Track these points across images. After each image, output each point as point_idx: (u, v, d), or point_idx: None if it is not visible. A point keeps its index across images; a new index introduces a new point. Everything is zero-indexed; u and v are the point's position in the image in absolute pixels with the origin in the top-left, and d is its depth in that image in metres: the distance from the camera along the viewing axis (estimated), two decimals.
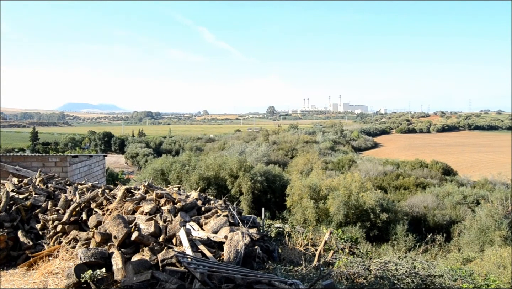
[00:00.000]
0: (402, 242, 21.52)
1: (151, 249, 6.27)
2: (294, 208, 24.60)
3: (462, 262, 16.22)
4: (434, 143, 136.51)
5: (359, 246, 12.36)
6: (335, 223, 22.64)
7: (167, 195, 8.93)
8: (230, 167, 28.90)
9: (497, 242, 19.01)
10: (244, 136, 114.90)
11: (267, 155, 61.42)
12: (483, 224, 20.63)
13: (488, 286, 6.84)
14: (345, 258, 7.70)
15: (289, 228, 12.22)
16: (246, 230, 7.41)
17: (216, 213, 8.49)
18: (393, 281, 6.63)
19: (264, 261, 7.31)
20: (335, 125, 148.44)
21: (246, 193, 27.46)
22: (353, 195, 23.72)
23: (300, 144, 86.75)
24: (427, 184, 40.13)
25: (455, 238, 23.09)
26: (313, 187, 24.94)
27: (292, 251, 8.96)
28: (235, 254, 6.41)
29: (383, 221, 22.97)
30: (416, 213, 27.12)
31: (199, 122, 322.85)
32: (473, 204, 28.98)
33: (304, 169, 45.71)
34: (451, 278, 7.16)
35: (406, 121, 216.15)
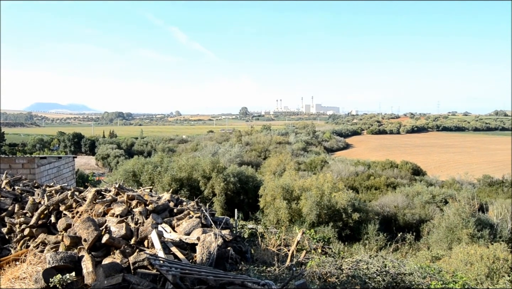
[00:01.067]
0: (373, 241, 21.87)
1: (122, 251, 6.17)
2: (267, 209, 24.66)
3: (431, 259, 16.58)
4: (404, 144, 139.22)
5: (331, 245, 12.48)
6: (308, 223, 22.80)
7: (138, 196, 8.81)
8: (203, 168, 28.75)
9: (464, 239, 19.52)
10: (217, 137, 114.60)
11: (240, 156, 61.43)
12: (451, 222, 21.14)
13: (456, 283, 7.01)
14: (317, 258, 7.76)
15: (262, 228, 12.24)
16: (219, 231, 7.38)
17: (188, 214, 8.42)
18: (364, 279, 6.71)
19: (237, 262, 7.29)
20: (307, 127, 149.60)
21: (219, 194, 27.38)
22: (326, 195, 23.95)
23: (273, 145, 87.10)
24: (397, 184, 40.89)
25: (424, 237, 23.60)
26: (286, 187, 25.06)
27: (265, 252, 8.97)
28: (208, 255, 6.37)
29: (355, 221, 23.28)
30: (387, 212, 27.58)
31: (171, 123, 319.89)
32: (442, 203, 29.70)
33: (277, 169, 45.89)
34: (420, 275, 7.31)
35: (377, 122, 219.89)
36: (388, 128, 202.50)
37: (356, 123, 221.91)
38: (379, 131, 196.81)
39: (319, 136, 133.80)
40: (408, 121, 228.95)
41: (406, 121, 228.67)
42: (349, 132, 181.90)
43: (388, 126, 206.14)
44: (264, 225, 12.85)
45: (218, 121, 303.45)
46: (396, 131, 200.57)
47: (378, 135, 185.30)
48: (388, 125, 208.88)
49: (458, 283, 6.95)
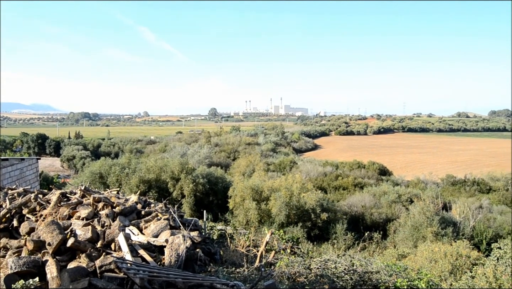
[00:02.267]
0: (341, 240, 22.14)
1: (89, 255, 6.05)
2: (236, 210, 24.64)
3: (398, 257, 16.95)
4: (370, 145, 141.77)
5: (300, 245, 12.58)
6: (277, 223, 22.89)
7: (105, 199, 8.66)
8: (171, 170, 28.46)
9: (429, 237, 20.01)
10: (186, 138, 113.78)
11: (209, 157, 61.15)
12: (416, 221, 21.63)
13: (421, 280, 7.18)
14: (286, 258, 7.80)
15: (232, 229, 12.23)
16: (188, 233, 7.34)
17: (156, 216, 8.33)
18: (332, 279, 6.79)
19: (206, 263, 7.26)
20: (276, 128, 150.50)
21: (188, 196, 27.17)
22: (295, 196, 24.10)
23: (242, 146, 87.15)
24: (365, 184, 41.57)
25: (391, 235, 24.07)
26: (255, 188, 25.10)
27: (234, 253, 8.96)
28: (176, 257, 6.32)
29: (324, 221, 23.52)
30: (355, 212, 27.99)
31: (139, 124, 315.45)
32: (407, 202, 30.38)
33: (246, 170, 45.91)
34: (386, 273, 7.46)
35: (345, 123, 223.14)
36: (355, 130, 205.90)
37: (324, 124, 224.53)
38: (347, 132, 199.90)
39: (288, 137, 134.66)
40: (375, 122, 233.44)
41: (373, 122, 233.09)
42: (318, 133, 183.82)
43: (355, 128, 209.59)
44: (234, 226, 12.86)
45: (187, 122, 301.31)
46: (363, 132, 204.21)
47: (346, 136, 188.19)
48: (355, 127, 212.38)
49: (423, 280, 7.12)
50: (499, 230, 23.74)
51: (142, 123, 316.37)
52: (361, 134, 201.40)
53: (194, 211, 26.76)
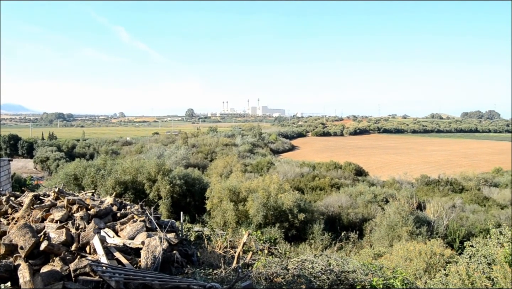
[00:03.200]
0: (318, 240, 22.30)
1: (63, 258, 5.93)
2: (214, 211, 24.57)
3: (374, 257, 17.16)
4: (347, 146, 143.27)
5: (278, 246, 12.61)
6: (255, 224, 22.92)
7: (79, 201, 8.51)
8: (148, 171, 28.19)
9: (404, 237, 20.33)
10: (162, 139, 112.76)
11: (186, 158, 60.82)
12: (391, 220, 21.95)
13: (396, 278, 7.28)
14: (264, 258, 7.81)
15: (209, 231, 12.18)
16: (164, 235, 7.27)
17: (132, 218, 8.24)
18: (309, 279, 6.83)
19: (183, 265, 7.21)
20: (253, 128, 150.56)
21: (165, 197, 26.94)
22: (272, 197, 24.17)
23: (220, 147, 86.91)
24: (341, 184, 41.98)
25: (367, 235, 24.36)
26: (232, 189, 25.07)
27: (212, 254, 8.93)
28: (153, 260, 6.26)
29: (301, 221, 23.64)
30: (332, 212, 28.23)
31: (115, 124, 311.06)
32: (383, 202, 30.82)
33: (223, 171, 45.83)
34: (363, 273, 7.55)
35: (321, 124, 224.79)
36: (332, 131, 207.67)
37: (301, 125, 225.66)
38: (324, 133, 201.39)
39: (265, 138, 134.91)
40: (351, 123, 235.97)
41: (349, 123, 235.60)
42: (295, 134, 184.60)
43: (332, 129, 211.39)
44: (211, 227, 12.79)
45: (164, 123, 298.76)
46: (340, 133, 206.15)
47: (323, 137, 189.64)
48: (332, 128, 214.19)
49: (398, 279, 7.22)
50: (472, 229, 24.29)
51: (118, 124, 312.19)
52: (337, 135, 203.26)
53: (171, 212, 26.55)
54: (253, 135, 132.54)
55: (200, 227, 16.22)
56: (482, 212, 31.32)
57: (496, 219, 27.13)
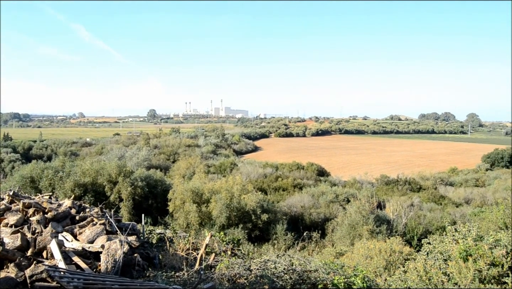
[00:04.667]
0: (282, 240, 22.46)
1: (18, 264, 5.72)
2: (176, 213, 24.32)
3: (335, 256, 17.42)
4: (309, 147, 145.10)
5: (241, 247, 12.61)
6: (218, 225, 22.84)
7: (36, 204, 8.24)
8: (108, 173, 27.59)
9: (365, 235, 20.73)
10: (123, 140, 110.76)
11: (148, 159, 59.98)
12: (353, 220, 22.33)
13: (357, 276, 7.41)
14: (226, 260, 7.79)
15: (171, 233, 12.04)
16: (125, 238, 7.14)
17: (92, 221, 8.04)
18: (272, 279, 6.86)
19: (144, 268, 7.10)
20: (216, 129, 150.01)
21: (126, 199, 26.45)
22: (235, 198, 24.17)
23: (182, 148, 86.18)
24: (304, 185, 42.44)
25: (329, 234, 24.70)
26: (195, 190, 24.89)
27: (174, 257, 8.82)
28: (113, 263, 6.13)
29: (264, 222, 23.74)
30: (294, 212, 28.48)
31: (74, 125, 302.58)
32: (344, 202, 31.36)
33: (186, 173, 45.46)
34: (324, 271, 7.64)
35: (284, 125, 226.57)
36: (294, 132, 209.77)
37: (264, 126, 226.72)
38: (286, 134, 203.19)
39: (228, 139, 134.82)
40: (313, 124, 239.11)
41: (311, 124, 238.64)
42: (258, 135, 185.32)
43: (294, 130, 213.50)
44: (173, 230, 12.66)
45: (125, 124, 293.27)
46: (302, 134, 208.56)
47: (285, 138, 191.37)
48: (294, 129, 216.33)
49: (358, 277, 7.36)
50: (429, 226, 25.05)
51: (77, 125, 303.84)
52: (300, 136, 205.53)
53: (132, 215, 26.09)
54: (216, 136, 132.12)
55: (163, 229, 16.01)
56: (438, 210, 32.39)
57: (452, 216, 28.12)
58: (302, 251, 20.72)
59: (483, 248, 8.16)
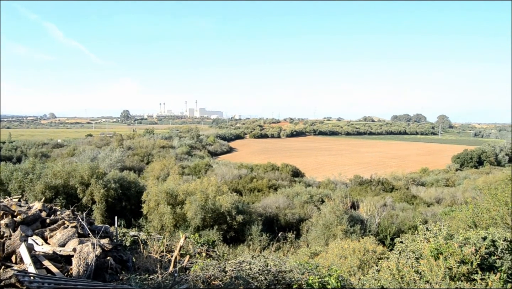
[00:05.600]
0: (257, 241, 22.49)
1: None
2: (150, 215, 24.07)
3: (310, 256, 17.54)
4: (284, 148, 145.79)
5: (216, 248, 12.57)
6: (193, 227, 22.71)
7: (4, 207, 8.02)
8: (80, 174, 27.10)
9: (339, 235, 20.94)
10: (96, 142, 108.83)
11: (122, 161, 59.16)
12: (327, 220, 22.54)
13: (331, 276, 7.47)
14: (201, 261, 7.74)
15: (145, 235, 11.92)
16: (97, 241, 7.01)
17: (63, 224, 7.87)
18: (247, 280, 6.85)
19: (117, 271, 6.99)
20: (191, 130, 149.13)
21: (99, 202, 26.02)
22: (210, 199, 24.08)
23: (156, 149, 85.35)
24: (279, 186, 42.61)
25: (304, 235, 24.87)
26: (170, 192, 24.70)
27: (148, 259, 8.72)
28: (85, 267, 6.02)
29: (239, 223, 23.73)
30: (269, 213, 28.55)
31: (45, 126, 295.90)
32: (319, 202, 31.64)
33: (160, 174, 45.05)
34: (299, 272, 7.68)
35: (259, 127, 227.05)
36: (269, 133, 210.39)
37: (239, 127, 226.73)
38: (261, 136, 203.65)
39: (203, 140, 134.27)
40: (287, 126, 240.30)
41: (286, 126, 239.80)
42: (233, 136, 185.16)
43: (269, 131, 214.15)
44: (147, 232, 12.53)
45: (98, 125, 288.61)
46: (277, 136, 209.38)
47: (260, 139, 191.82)
48: (269, 130, 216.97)
49: (333, 276, 7.42)
50: (401, 226, 25.49)
51: (48, 126, 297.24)
52: (275, 137, 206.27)
53: (105, 217, 25.69)
54: (190, 137, 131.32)
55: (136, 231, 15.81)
56: (410, 209, 32.99)
57: (423, 216, 28.69)
58: (277, 252, 20.80)
59: (453, 247, 8.35)
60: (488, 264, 8.89)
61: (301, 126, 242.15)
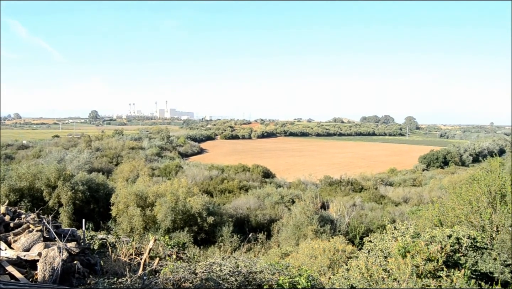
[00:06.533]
0: (228, 243, 22.44)
1: None
2: (120, 217, 23.70)
3: (281, 256, 17.63)
4: (255, 149, 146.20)
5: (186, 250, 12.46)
6: (163, 229, 22.49)
7: None
8: (47, 176, 26.43)
9: (309, 235, 21.13)
10: (63, 143, 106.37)
11: (90, 162, 58.03)
12: (297, 220, 22.71)
13: (301, 276, 7.53)
14: (171, 264, 7.67)
15: (114, 238, 11.72)
16: (64, 245, 6.85)
17: (28, 228, 7.65)
18: (218, 281, 6.83)
19: (85, 276, 6.85)
20: (161, 131, 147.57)
21: (66, 204, 25.45)
22: (180, 201, 23.89)
23: (126, 150, 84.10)
24: (250, 187, 42.67)
25: (274, 235, 24.96)
26: (139, 194, 24.38)
27: (117, 262, 8.58)
28: (51, 272, 5.87)
29: (210, 224, 23.64)
30: (240, 214, 28.55)
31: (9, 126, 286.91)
32: (289, 203, 31.85)
33: (130, 176, 44.43)
34: (270, 272, 7.71)
35: (230, 128, 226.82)
36: (240, 134, 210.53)
37: (210, 128, 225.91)
38: (232, 136, 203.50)
39: (173, 141, 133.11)
40: (258, 127, 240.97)
41: (257, 127, 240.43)
42: (203, 137, 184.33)
43: (240, 132, 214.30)
44: (116, 234, 12.32)
45: (65, 125, 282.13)
46: (248, 137, 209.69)
47: (231, 140, 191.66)
48: (240, 131, 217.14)
49: (303, 276, 7.47)
50: (370, 225, 25.92)
51: (12, 126, 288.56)
52: (245, 138, 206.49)
53: (73, 220, 25.14)
54: (161, 138, 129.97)
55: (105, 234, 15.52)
56: (379, 209, 33.60)
57: (391, 215, 29.24)
58: (248, 253, 20.81)
59: (420, 245, 8.55)
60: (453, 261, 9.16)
61: (272, 127, 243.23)
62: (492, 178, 13.49)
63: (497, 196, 13.00)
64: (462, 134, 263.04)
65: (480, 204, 13.11)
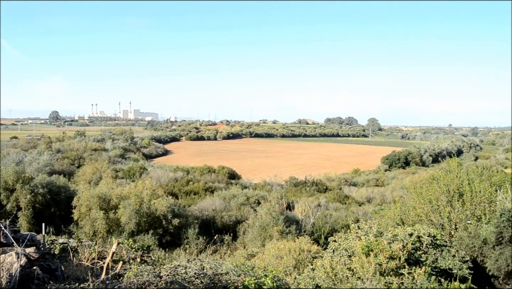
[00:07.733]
0: (193, 245, 22.28)
1: None
2: (82, 221, 23.14)
3: (247, 257, 17.64)
4: (220, 150, 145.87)
5: (151, 253, 12.28)
6: (127, 232, 22.12)
7: None
8: (4, 180, 25.53)
9: (275, 236, 21.22)
10: (22, 144, 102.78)
11: (50, 164, 56.38)
12: (263, 221, 22.76)
13: (267, 276, 7.55)
14: (135, 267, 7.54)
15: (76, 242, 11.42)
16: (22, 250, 6.62)
17: None
18: (183, 284, 6.76)
19: (45, 281, 6.64)
20: (125, 133, 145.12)
21: (25, 208, 24.64)
22: (145, 203, 23.55)
23: (88, 152, 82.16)
24: (215, 188, 42.50)
25: (240, 236, 24.95)
26: (102, 196, 23.86)
27: (78, 267, 8.37)
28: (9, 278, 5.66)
29: (175, 227, 23.40)
30: (206, 216, 28.39)
31: None
32: (255, 204, 31.92)
33: (92, 178, 43.46)
34: (235, 274, 7.69)
35: (195, 129, 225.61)
36: (206, 135, 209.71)
37: (175, 129, 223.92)
38: (197, 138, 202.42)
39: (137, 142, 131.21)
40: (224, 128, 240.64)
41: (222, 128, 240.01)
42: (168, 138, 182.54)
43: (206, 133, 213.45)
44: (78, 238, 12.00)
45: (24, 126, 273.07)
46: (213, 138, 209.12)
47: (197, 142, 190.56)
48: (205, 132, 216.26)
49: (268, 277, 7.50)
50: (335, 225, 26.25)
51: None
52: (211, 139, 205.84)
53: (33, 224, 24.37)
54: (124, 139, 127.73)
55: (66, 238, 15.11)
56: (343, 209, 34.10)
57: (355, 215, 29.72)
58: (214, 255, 20.72)
59: (382, 243, 8.75)
60: (414, 258, 9.42)
61: (237, 128, 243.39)
62: (451, 178, 13.96)
63: (455, 195, 13.46)
64: (422, 135, 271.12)
65: (439, 202, 13.54)
